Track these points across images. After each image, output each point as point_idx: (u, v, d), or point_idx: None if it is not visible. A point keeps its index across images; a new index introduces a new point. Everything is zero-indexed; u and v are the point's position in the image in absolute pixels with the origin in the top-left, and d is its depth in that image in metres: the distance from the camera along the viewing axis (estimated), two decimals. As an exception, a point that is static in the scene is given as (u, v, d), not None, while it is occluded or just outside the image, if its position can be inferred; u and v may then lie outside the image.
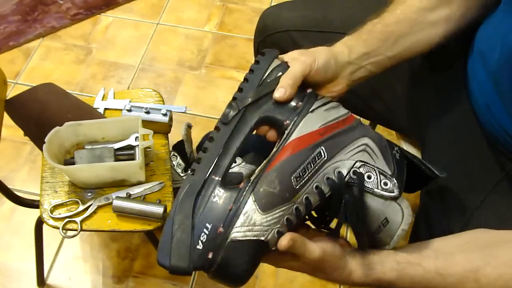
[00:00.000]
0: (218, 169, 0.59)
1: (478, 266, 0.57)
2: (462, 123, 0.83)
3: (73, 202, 0.96)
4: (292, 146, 0.60)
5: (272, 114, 0.62)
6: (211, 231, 0.56)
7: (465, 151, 0.81)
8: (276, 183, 0.57)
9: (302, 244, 0.56)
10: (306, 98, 0.63)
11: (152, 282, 1.27)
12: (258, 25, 1.01)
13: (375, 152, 0.63)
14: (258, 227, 0.56)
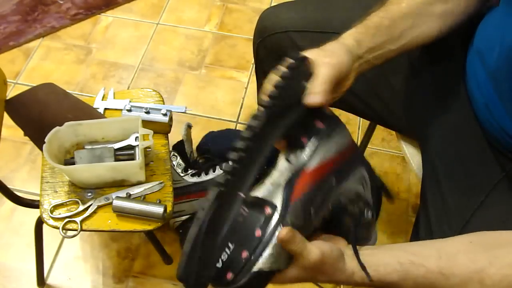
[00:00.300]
0: (243, 186, 0.58)
1: (482, 266, 0.57)
2: (461, 122, 0.83)
3: (73, 202, 0.96)
4: (313, 175, 0.60)
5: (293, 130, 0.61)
6: (233, 252, 0.56)
7: (465, 151, 0.81)
8: (301, 217, 0.58)
9: (302, 242, 0.56)
10: (327, 122, 0.63)
11: (152, 282, 1.27)
12: (258, 26, 1.01)
13: (367, 183, 0.66)
14: (280, 261, 0.56)
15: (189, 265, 0.56)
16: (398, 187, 1.47)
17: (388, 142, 1.55)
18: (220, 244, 0.56)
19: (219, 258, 0.56)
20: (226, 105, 1.62)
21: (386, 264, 0.59)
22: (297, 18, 0.95)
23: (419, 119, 0.89)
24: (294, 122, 0.61)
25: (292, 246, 0.56)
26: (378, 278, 0.59)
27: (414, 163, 0.96)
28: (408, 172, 1.49)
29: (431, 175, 0.83)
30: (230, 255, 0.56)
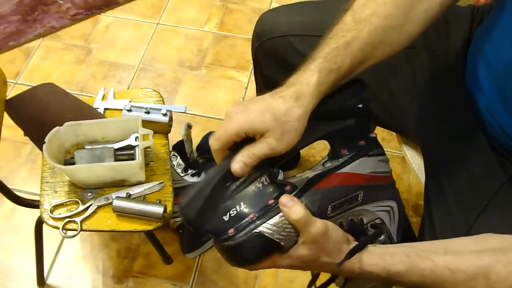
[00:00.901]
0: (274, 159, 0.61)
1: (488, 263, 0.57)
2: (462, 126, 0.82)
3: (73, 202, 0.96)
4: (341, 178, 0.63)
5: (338, 136, 0.66)
6: (241, 211, 0.58)
7: (467, 155, 0.80)
8: (316, 204, 0.60)
9: (306, 214, 0.57)
10: (369, 142, 0.67)
11: (152, 282, 1.27)
12: (256, 30, 1.01)
13: (395, 218, 0.68)
14: (285, 233, 0.58)
15: (195, 200, 0.58)
16: (398, 187, 1.45)
17: (388, 142, 1.55)
18: (233, 199, 0.58)
19: (228, 212, 0.58)
20: (226, 105, 1.62)
21: (393, 254, 0.59)
22: (296, 22, 0.94)
23: (419, 123, 0.89)
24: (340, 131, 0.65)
25: (294, 215, 0.56)
26: (384, 266, 0.59)
27: (414, 163, 0.96)
28: (408, 172, 1.49)
29: (434, 179, 0.83)
30: (238, 212, 0.58)
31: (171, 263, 1.29)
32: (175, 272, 1.29)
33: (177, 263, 1.30)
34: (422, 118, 0.88)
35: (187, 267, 1.30)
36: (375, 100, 0.93)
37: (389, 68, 0.90)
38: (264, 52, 0.99)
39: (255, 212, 0.58)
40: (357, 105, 0.67)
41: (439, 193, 0.80)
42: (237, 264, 0.60)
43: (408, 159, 0.98)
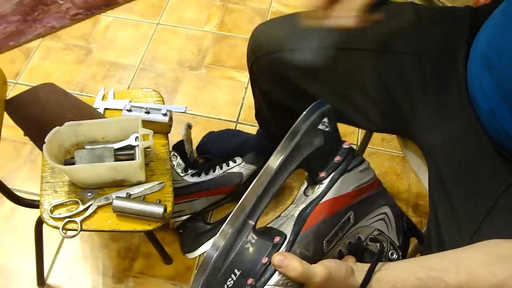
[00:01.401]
0: (253, 214, 0.58)
1: (502, 279, 0.55)
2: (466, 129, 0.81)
3: (73, 202, 0.96)
4: (327, 207, 0.60)
5: (311, 160, 0.62)
6: (239, 279, 0.56)
7: (471, 157, 0.80)
8: (311, 247, 0.58)
9: (304, 266, 0.55)
10: (344, 155, 0.63)
11: (152, 282, 1.27)
12: (251, 44, 1.01)
13: (391, 222, 0.66)
14: (289, 287, 0.56)
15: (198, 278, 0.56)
16: (398, 187, 1.47)
17: (388, 142, 1.55)
18: (226, 270, 0.56)
19: (225, 283, 0.56)
20: (226, 105, 1.62)
21: (404, 280, 0.58)
22: (290, 36, 0.94)
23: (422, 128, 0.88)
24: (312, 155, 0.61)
25: (292, 273, 0.55)
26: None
27: (414, 163, 0.96)
28: (408, 172, 1.49)
29: (438, 183, 0.82)
30: (236, 281, 0.56)
31: (171, 263, 1.29)
32: (175, 272, 1.29)
33: (177, 263, 1.30)
34: (426, 122, 0.87)
35: (187, 267, 1.30)
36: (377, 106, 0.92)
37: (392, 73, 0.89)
38: (260, 67, 1.00)
39: (252, 277, 0.56)
40: (321, 120, 0.63)
41: (444, 197, 0.79)
42: None
43: (408, 159, 0.97)
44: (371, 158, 1.51)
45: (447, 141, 0.83)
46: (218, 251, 0.56)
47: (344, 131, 1.56)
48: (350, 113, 0.94)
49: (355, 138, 1.56)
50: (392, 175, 1.49)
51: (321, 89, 0.93)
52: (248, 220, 0.58)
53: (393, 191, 1.45)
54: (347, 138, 1.55)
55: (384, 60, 0.90)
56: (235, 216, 0.58)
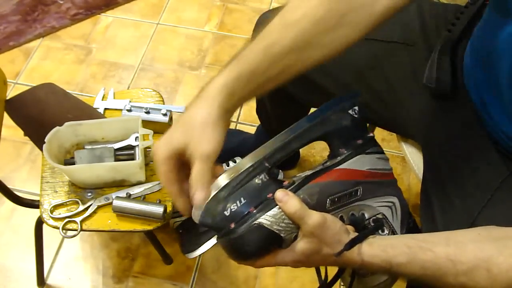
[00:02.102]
0: (271, 158, 0.62)
1: (490, 255, 0.57)
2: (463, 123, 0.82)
3: (73, 202, 0.96)
4: (339, 173, 0.65)
5: (335, 136, 0.67)
6: (242, 206, 0.60)
7: (469, 151, 0.80)
8: (314, 197, 0.62)
9: (302, 207, 0.58)
10: (367, 141, 0.68)
11: (152, 282, 1.27)
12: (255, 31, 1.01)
13: (398, 213, 0.69)
14: (284, 224, 0.59)
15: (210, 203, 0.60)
16: (398, 187, 1.47)
17: (388, 142, 1.55)
18: (234, 195, 0.60)
19: (229, 207, 0.60)
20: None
21: (394, 246, 0.59)
22: None
23: (420, 121, 0.89)
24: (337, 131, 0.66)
25: (289, 208, 0.57)
26: (385, 258, 0.59)
27: (414, 163, 0.96)
28: (408, 172, 1.49)
29: (435, 177, 0.83)
30: (239, 207, 0.60)
31: (171, 263, 1.29)
32: (175, 272, 1.29)
33: (177, 263, 1.30)
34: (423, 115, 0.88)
35: (187, 267, 1.30)
36: (376, 99, 0.93)
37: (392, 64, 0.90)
38: None
39: (255, 207, 0.59)
40: (352, 107, 0.68)
41: (440, 188, 0.80)
42: (241, 258, 0.61)
43: (408, 159, 0.98)
44: (371, 158, 1.51)
45: (444, 135, 0.84)
46: (233, 175, 0.60)
47: (344, 131, 1.56)
48: None
49: (355, 138, 1.56)
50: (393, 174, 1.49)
51: (323, 78, 0.93)
52: (265, 162, 0.62)
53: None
54: (347, 138, 1.55)
55: (385, 50, 0.91)
56: (255, 154, 0.62)
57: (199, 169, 0.59)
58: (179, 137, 0.60)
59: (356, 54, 0.90)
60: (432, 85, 0.84)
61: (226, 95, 0.62)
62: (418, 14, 0.91)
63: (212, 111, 0.60)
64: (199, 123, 0.60)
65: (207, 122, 0.60)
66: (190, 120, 0.61)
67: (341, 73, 0.92)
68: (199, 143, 0.59)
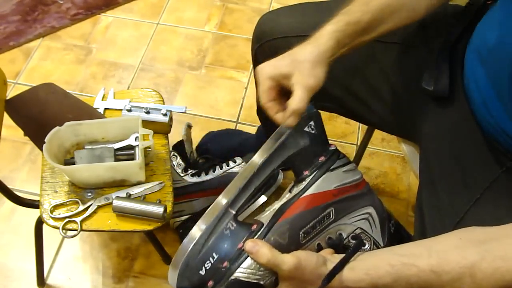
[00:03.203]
0: (235, 204, 0.62)
1: (473, 261, 0.57)
2: (458, 121, 0.82)
3: (73, 202, 0.96)
4: (307, 201, 0.64)
5: (296, 160, 0.66)
6: (216, 262, 0.59)
7: (462, 149, 0.81)
8: (286, 236, 0.61)
9: (274, 254, 0.58)
10: (329, 155, 0.67)
11: (152, 282, 1.27)
12: (256, 31, 1.01)
13: (375, 222, 0.68)
14: (261, 272, 0.58)
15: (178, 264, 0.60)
16: (398, 187, 1.47)
17: (388, 142, 1.55)
18: (205, 253, 0.59)
19: (203, 265, 0.59)
20: (226, 105, 1.62)
21: (377, 268, 0.59)
22: (296, 23, 0.94)
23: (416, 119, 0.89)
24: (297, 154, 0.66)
25: (261, 258, 0.58)
26: (370, 281, 0.59)
27: (414, 163, 0.96)
28: (408, 172, 1.49)
29: (427, 173, 0.83)
30: (213, 264, 0.59)
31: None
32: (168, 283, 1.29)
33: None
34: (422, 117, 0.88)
35: (187, 267, 1.30)
36: (376, 100, 0.93)
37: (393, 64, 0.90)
38: (265, 53, 0.99)
39: (227, 260, 0.59)
40: (307, 123, 0.68)
41: (431, 187, 0.80)
42: None
43: (408, 159, 0.98)
44: (371, 158, 1.52)
45: (439, 132, 0.84)
46: (200, 234, 0.60)
47: (344, 130, 1.56)
48: (353, 104, 0.94)
49: (355, 138, 1.56)
50: (392, 175, 1.49)
51: None
52: (229, 209, 0.62)
53: (393, 191, 1.46)
54: (347, 138, 1.55)
55: (384, 51, 0.91)
56: (217, 204, 0.62)
57: (301, 96, 0.66)
58: (287, 66, 0.68)
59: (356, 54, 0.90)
60: (430, 88, 0.84)
61: (336, 41, 0.71)
62: None
63: (322, 52, 0.70)
64: (309, 59, 0.69)
65: (317, 61, 0.69)
66: (301, 55, 0.69)
67: (341, 73, 0.92)
68: (307, 76, 0.67)
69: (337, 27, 0.72)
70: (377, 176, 1.48)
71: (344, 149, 1.53)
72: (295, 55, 0.70)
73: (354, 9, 0.74)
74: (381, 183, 1.47)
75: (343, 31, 0.72)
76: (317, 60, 0.69)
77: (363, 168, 1.49)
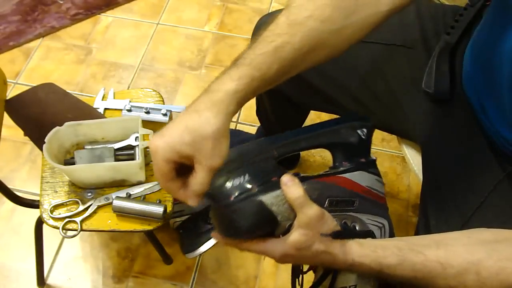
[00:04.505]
0: (281, 149, 0.65)
1: (479, 258, 0.57)
2: (461, 124, 0.82)
3: (73, 202, 0.96)
4: (342, 180, 0.67)
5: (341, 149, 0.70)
6: (245, 182, 0.60)
7: (465, 153, 0.81)
8: (315, 193, 0.63)
9: (305, 196, 0.58)
10: (369, 162, 0.71)
11: (152, 282, 1.27)
12: (254, 34, 1.01)
13: (386, 235, 0.71)
14: (283, 208, 0.59)
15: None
16: (398, 187, 1.47)
17: (388, 142, 1.55)
18: (238, 170, 0.60)
19: (232, 180, 0.60)
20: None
21: (385, 248, 0.59)
22: None
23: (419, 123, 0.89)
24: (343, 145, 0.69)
25: (292, 193, 0.58)
26: (375, 258, 0.59)
27: (414, 163, 0.96)
28: (408, 172, 1.49)
29: (431, 177, 0.83)
30: (242, 182, 0.60)
31: (171, 263, 1.29)
32: (175, 272, 1.29)
33: (177, 263, 1.30)
34: (422, 118, 0.88)
35: (187, 267, 1.30)
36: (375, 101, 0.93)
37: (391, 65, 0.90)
38: None
39: (257, 185, 0.59)
40: (361, 127, 0.70)
41: (436, 190, 0.80)
42: (231, 233, 0.60)
43: (408, 159, 0.98)
44: (371, 158, 1.51)
45: (442, 136, 0.84)
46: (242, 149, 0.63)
47: (344, 131, 1.56)
48: (350, 104, 0.94)
49: (355, 138, 1.56)
50: (392, 175, 1.49)
51: (323, 81, 0.93)
52: (274, 150, 0.64)
53: (393, 191, 1.46)
54: (347, 138, 1.55)
55: (384, 53, 0.91)
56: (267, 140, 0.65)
57: (204, 178, 0.58)
58: (187, 146, 0.57)
59: (355, 57, 0.90)
60: (430, 90, 0.84)
61: (238, 103, 0.62)
62: (417, 16, 0.91)
63: (224, 123, 0.60)
64: (210, 136, 0.58)
65: (220, 136, 0.60)
66: (202, 131, 0.58)
67: (340, 75, 0.92)
68: (210, 157, 0.58)
69: (239, 85, 0.62)
70: (377, 176, 1.48)
71: (344, 149, 1.53)
72: (194, 131, 0.58)
73: (260, 60, 0.63)
74: (381, 183, 1.47)
75: (245, 89, 0.62)
76: (219, 134, 0.60)
77: (363, 168, 1.49)
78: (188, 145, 0.57)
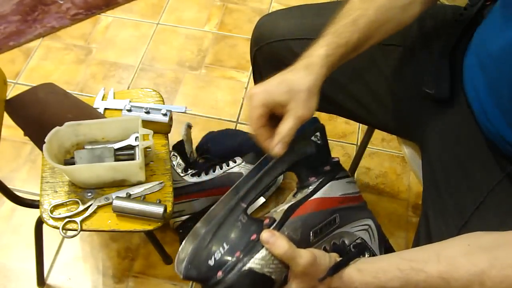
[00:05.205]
0: (246, 198, 0.63)
1: (482, 269, 0.56)
2: (460, 125, 0.82)
3: (73, 202, 0.96)
4: (316, 204, 0.66)
5: (303, 166, 0.69)
6: (226, 252, 0.58)
7: (464, 153, 0.81)
8: (299, 232, 0.62)
9: (291, 247, 0.57)
10: (334, 166, 0.70)
11: (152, 282, 1.27)
12: (254, 34, 1.01)
13: (374, 235, 0.71)
14: (274, 266, 0.58)
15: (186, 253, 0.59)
16: (398, 187, 1.47)
17: (388, 142, 1.55)
18: (215, 243, 0.59)
19: (213, 255, 0.58)
20: (226, 105, 1.62)
21: (386, 271, 0.59)
22: (295, 26, 0.94)
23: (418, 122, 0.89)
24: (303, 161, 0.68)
25: (278, 249, 0.57)
26: (378, 284, 0.59)
27: (414, 163, 0.96)
28: (408, 172, 1.49)
29: (430, 177, 0.83)
30: (223, 254, 0.58)
31: (171, 263, 1.29)
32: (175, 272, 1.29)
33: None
34: (422, 118, 0.88)
35: (187, 267, 1.30)
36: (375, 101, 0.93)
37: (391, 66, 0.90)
38: (263, 56, 0.99)
39: (240, 252, 0.58)
40: (314, 133, 0.70)
41: (435, 191, 0.80)
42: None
43: (408, 159, 0.98)
44: (371, 158, 1.52)
45: (441, 136, 0.84)
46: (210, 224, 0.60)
47: (344, 130, 1.56)
48: (350, 105, 0.94)
49: (355, 138, 1.56)
50: (392, 175, 1.49)
51: None
52: (240, 203, 0.62)
53: (393, 191, 1.46)
54: (347, 138, 1.55)
55: (383, 53, 0.91)
56: (229, 196, 0.63)
57: (292, 126, 0.65)
58: (283, 94, 0.66)
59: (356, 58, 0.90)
60: (430, 90, 0.84)
61: (328, 66, 0.70)
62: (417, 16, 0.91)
63: (317, 81, 0.68)
64: (305, 89, 0.67)
65: (312, 91, 0.67)
66: (297, 85, 0.67)
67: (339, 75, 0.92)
68: (302, 107, 0.66)
69: (328, 51, 0.71)
70: (377, 176, 1.48)
71: (344, 149, 1.53)
72: (291, 83, 0.67)
73: (342, 30, 0.72)
74: (381, 183, 1.47)
75: (334, 54, 0.71)
76: (312, 90, 0.67)
77: (363, 168, 1.49)
78: (284, 93, 0.66)
